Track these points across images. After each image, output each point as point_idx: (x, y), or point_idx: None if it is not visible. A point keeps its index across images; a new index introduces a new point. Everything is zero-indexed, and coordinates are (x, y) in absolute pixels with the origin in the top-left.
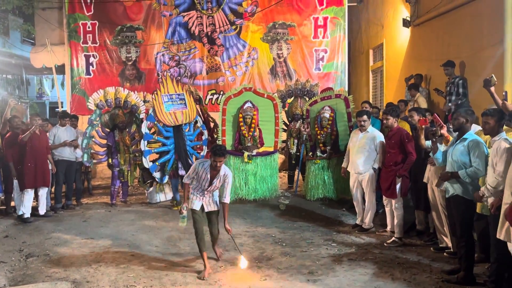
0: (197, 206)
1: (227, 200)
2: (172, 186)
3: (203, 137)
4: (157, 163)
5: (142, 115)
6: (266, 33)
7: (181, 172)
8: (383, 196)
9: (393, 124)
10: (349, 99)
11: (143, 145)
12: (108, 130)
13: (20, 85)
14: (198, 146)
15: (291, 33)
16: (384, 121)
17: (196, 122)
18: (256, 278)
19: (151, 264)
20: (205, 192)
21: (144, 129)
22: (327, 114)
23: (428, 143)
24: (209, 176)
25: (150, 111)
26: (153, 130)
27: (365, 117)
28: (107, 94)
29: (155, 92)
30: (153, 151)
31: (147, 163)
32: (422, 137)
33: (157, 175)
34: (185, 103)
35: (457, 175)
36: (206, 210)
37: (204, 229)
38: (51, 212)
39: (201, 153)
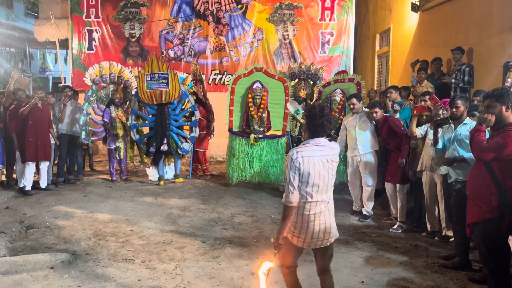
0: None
1: None
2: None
3: (193, 118)
4: (142, 137)
5: (134, 91)
6: (272, 13)
7: (163, 147)
8: (385, 182)
9: (381, 115)
10: (362, 84)
11: (130, 119)
12: (104, 106)
13: (23, 59)
14: (185, 126)
15: (298, 14)
16: (374, 115)
17: (188, 102)
18: (254, 256)
19: (150, 239)
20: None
21: (133, 104)
22: (337, 97)
23: (419, 131)
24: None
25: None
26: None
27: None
28: (102, 69)
29: (139, 71)
30: (138, 126)
31: (134, 135)
32: (414, 124)
33: (144, 148)
34: (167, 83)
35: (463, 159)
36: (333, 236)
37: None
38: (52, 186)
39: (191, 134)
